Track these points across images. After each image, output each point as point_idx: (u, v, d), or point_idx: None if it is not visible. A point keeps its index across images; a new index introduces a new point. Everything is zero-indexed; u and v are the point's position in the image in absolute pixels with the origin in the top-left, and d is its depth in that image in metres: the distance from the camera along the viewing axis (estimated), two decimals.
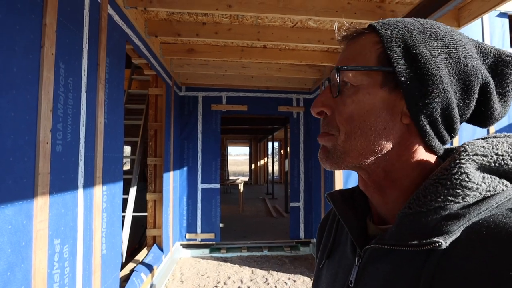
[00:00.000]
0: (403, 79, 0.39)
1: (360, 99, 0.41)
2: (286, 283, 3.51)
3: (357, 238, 0.46)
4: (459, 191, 0.35)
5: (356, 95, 0.42)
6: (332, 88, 0.44)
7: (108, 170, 1.98)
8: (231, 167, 22.51)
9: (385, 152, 0.41)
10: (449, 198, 0.35)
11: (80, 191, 1.64)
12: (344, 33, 0.46)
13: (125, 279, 2.77)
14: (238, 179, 10.61)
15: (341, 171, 3.65)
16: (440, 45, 0.40)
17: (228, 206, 8.36)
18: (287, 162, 8.33)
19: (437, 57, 0.39)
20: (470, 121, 0.45)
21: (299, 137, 4.85)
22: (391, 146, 0.41)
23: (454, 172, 0.36)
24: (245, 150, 21.87)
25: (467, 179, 0.35)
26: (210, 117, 4.64)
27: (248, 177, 16.46)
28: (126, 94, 4.08)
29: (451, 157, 0.39)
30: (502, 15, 3.56)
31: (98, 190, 1.83)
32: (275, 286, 3.43)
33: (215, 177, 4.63)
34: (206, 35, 2.91)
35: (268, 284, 3.48)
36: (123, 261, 3.14)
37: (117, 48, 2.12)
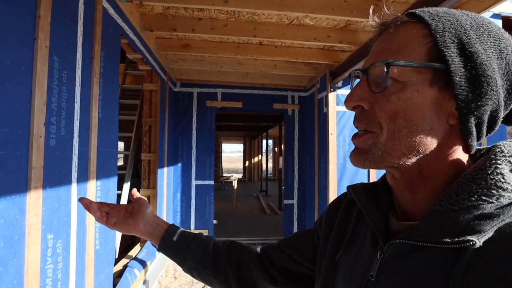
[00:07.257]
0: (457, 78, 0.37)
1: (407, 96, 0.39)
2: None
3: (381, 233, 0.45)
4: (493, 191, 0.35)
5: (403, 92, 0.39)
6: (372, 81, 0.42)
7: (102, 165, 1.96)
8: (225, 164, 22.46)
9: (428, 152, 0.40)
10: (483, 198, 0.35)
11: (74, 185, 1.62)
12: (383, 20, 0.43)
13: (118, 275, 2.76)
14: (232, 176, 10.61)
15: (335, 169, 3.68)
16: (492, 43, 0.38)
17: (221, 203, 8.35)
18: (281, 159, 8.35)
19: (491, 57, 0.37)
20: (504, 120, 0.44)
21: (294, 134, 4.86)
22: (434, 146, 0.40)
23: (489, 172, 0.36)
24: (239, 147, 21.89)
25: (502, 180, 0.35)
26: (205, 114, 4.62)
27: (242, 174, 16.47)
28: (120, 89, 4.04)
29: (486, 157, 0.38)
30: (495, 16, 3.59)
31: (92, 185, 1.82)
32: None
33: (209, 173, 4.62)
34: (202, 30, 2.90)
35: None
36: (116, 257, 3.13)
37: (112, 42, 2.10)
